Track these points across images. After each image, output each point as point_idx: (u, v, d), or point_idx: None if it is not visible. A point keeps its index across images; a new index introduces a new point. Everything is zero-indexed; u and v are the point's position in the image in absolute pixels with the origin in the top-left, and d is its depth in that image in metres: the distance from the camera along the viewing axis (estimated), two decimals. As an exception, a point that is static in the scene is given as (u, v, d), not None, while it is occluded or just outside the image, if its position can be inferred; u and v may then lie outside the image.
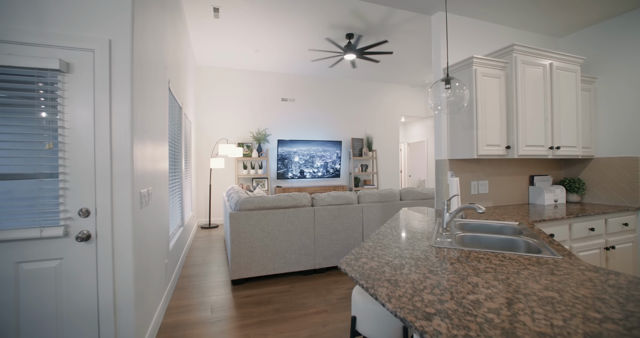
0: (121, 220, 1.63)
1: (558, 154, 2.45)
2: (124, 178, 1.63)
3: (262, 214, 3.03)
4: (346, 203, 3.43)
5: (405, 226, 1.83)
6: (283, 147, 6.44)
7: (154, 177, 2.18)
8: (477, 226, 1.95)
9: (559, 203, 2.76)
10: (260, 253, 3.02)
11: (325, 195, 3.38)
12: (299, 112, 6.84)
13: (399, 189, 3.81)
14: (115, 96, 1.62)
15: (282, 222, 3.10)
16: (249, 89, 6.45)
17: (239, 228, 2.94)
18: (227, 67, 6.28)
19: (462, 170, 2.51)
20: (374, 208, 3.50)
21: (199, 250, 4.23)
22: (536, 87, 2.35)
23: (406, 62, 6.17)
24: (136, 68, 1.74)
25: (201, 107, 6.12)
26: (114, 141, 1.61)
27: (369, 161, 7.48)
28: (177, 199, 3.66)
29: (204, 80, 6.14)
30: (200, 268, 3.49)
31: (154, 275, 2.13)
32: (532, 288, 0.90)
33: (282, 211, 3.11)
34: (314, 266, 3.24)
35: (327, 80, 7.09)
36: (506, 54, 2.31)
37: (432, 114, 7.81)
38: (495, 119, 2.28)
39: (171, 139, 3.30)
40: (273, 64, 6.11)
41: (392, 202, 3.62)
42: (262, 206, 3.06)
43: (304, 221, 3.19)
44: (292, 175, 6.57)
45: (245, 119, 6.43)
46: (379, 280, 0.98)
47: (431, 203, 3.80)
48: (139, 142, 1.80)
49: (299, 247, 3.17)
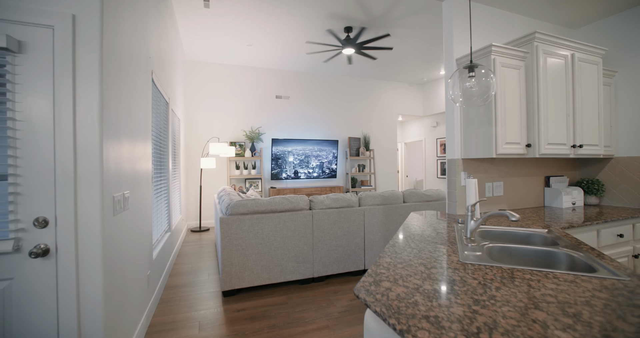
0: (88, 230, 1.36)
1: (580, 154, 2.25)
2: (92, 181, 1.36)
3: (256, 218, 2.77)
4: (347, 206, 3.20)
5: (420, 235, 1.60)
6: (277, 146, 6.17)
7: (132, 179, 1.91)
8: (501, 234, 1.73)
9: (577, 205, 2.57)
10: (254, 262, 2.76)
11: (324, 198, 3.14)
12: (293, 110, 6.59)
13: (401, 191, 3.59)
14: (81, 82, 1.35)
15: (277, 227, 2.85)
16: (241, 86, 6.18)
17: (231, 234, 2.68)
18: (219, 63, 5.99)
19: (475, 170, 2.30)
20: (376, 211, 3.27)
21: (188, 256, 3.95)
22: (557, 80, 2.15)
23: (405, 59, 5.97)
24: (108, 52, 1.47)
25: (191, 104, 5.82)
26: (79, 137, 1.34)
27: (366, 161, 7.26)
28: (164, 203, 3.38)
29: (194, 76, 5.84)
30: (189, 276, 3.22)
31: (132, 290, 1.86)
32: (624, 330, 0.67)
33: (278, 216, 2.86)
34: (313, 275, 2.99)
35: (323, 77, 6.85)
36: (526, 43, 2.10)
37: (430, 113, 7.64)
38: (514, 114, 2.07)
39: (156, 137, 3.03)
40: (267, 59, 5.85)
41: (395, 204, 3.40)
42: (255, 209, 2.80)
43: (301, 226, 2.94)
44: (286, 176, 6.31)
45: (237, 117, 6.15)
46: (413, 318, 0.74)
47: (436, 206, 3.59)
48: (112, 139, 1.53)
49: (296, 254, 2.92)
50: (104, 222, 1.41)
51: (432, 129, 7.79)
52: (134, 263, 1.92)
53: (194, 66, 5.83)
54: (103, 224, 1.40)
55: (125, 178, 1.77)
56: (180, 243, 4.46)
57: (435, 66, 6.47)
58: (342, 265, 3.12)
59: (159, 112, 3.11)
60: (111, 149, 1.53)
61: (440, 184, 7.53)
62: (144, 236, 2.17)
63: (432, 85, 7.54)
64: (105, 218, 1.43)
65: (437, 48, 5.42)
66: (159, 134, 3.13)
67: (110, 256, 1.50)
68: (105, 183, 1.43)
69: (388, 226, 3.33)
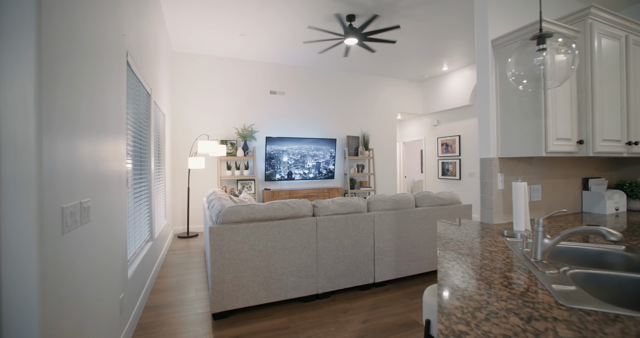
0: (17, 256, 0.95)
1: (634, 152, 1.94)
2: (24, 188, 0.96)
3: (252, 227, 2.37)
4: (355, 212, 2.83)
5: (472, 256, 1.24)
6: (272, 145, 5.77)
7: (97, 183, 1.49)
8: (563, 252, 1.38)
9: (620, 211, 2.26)
10: (249, 278, 2.36)
11: (329, 202, 2.76)
12: (289, 106, 6.19)
13: (413, 194, 3.24)
14: (5, 48, 0.94)
15: (277, 237, 2.46)
16: (233, 80, 5.75)
17: (222, 246, 2.28)
18: (209, 55, 5.55)
19: (512, 172, 1.96)
20: (386, 216, 2.92)
21: (173, 267, 3.52)
22: (611, 65, 1.83)
23: (407, 53, 5.64)
24: (55, 15, 1.06)
25: (178, 99, 5.37)
26: (4, 124, 0.94)
27: (365, 161, 6.92)
28: (145, 208, 2.95)
29: (182, 68, 5.39)
30: (174, 293, 2.80)
31: (95, 323, 1.45)
32: None
33: (277, 224, 2.47)
34: (317, 291, 2.61)
35: (319, 72, 6.48)
36: (578, 21, 1.77)
37: (430, 111, 7.34)
38: (565, 105, 1.73)
39: (136, 133, 2.60)
40: (260, 51, 5.44)
41: (406, 209, 3.05)
42: (251, 217, 2.41)
43: (304, 235, 2.56)
44: (281, 177, 5.91)
45: (229, 113, 5.72)
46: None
47: (450, 210, 3.25)
48: (63, 132, 1.13)
49: (298, 268, 2.54)
50: (44, 244, 1.00)
51: (433, 128, 7.50)
52: (99, 290, 1.51)
53: (181, 58, 5.38)
54: (43, 247, 1.00)
55: (85, 183, 1.35)
56: (165, 251, 4.01)
57: (438, 62, 6.17)
58: (350, 278, 2.75)
59: (138, 104, 2.69)
60: (60, 145, 1.12)
61: (441, 185, 7.24)
62: (114, 253, 1.76)
63: (433, 82, 7.25)
64: (47, 239, 1.02)
65: (442, 42, 5.10)
66: (139, 130, 2.70)
67: (57, 290, 1.09)
68: (48, 189, 1.03)
69: (400, 234, 2.97)
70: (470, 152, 6.45)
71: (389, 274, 2.93)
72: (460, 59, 5.96)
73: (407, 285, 2.98)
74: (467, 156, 6.54)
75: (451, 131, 6.96)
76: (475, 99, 6.32)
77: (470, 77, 6.31)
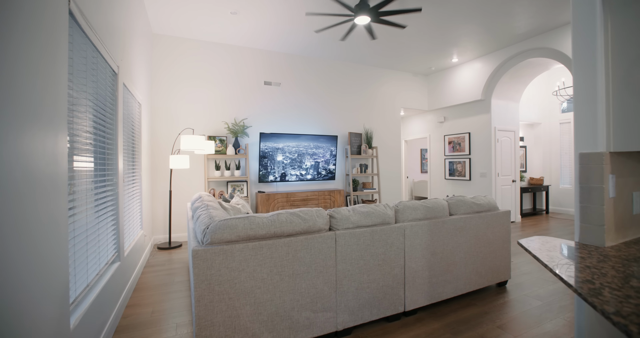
0: None
1: None
2: None
3: (252, 248, 1.75)
4: (381, 223, 2.23)
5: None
6: (266, 142, 5.12)
7: (6, 192, 0.85)
8: None
9: None
10: (248, 317, 1.74)
11: (349, 212, 2.16)
12: (284, 99, 5.56)
13: (445, 199, 2.68)
14: None
15: (285, 260, 1.84)
16: (222, 68, 5.08)
17: (211, 276, 1.64)
18: (195, 39, 4.86)
19: (621, 174, 1.40)
20: (418, 228, 2.33)
21: (149, 290, 2.84)
22: None
23: (413, 42, 5.09)
24: None
25: (159, 88, 4.66)
26: None
27: (369, 161, 6.35)
28: (109, 220, 2.27)
29: (164, 53, 4.69)
30: (146, 332, 2.13)
31: None
32: None
33: (286, 242, 1.85)
34: (336, 328, 2.01)
35: (317, 62, 5.87)
36: None
37: (436, 107, 6.83)
38: None
39: (97, 124, 1.94)
40: (252, 35, 4.78)
41: (440, 218, 2.48)
42: (251, 234, 1.78)
43: (320, 256, 1.95)
44: (276, 178, 5.27)
45: (218, 106, 5.05)
46: None
47: (488, 218, 2.70)
48: None
49: (313, 299, 1.92)
50: None
51: (439, 125, 7.00)
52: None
53: (163, 42, 4.68)
54: None
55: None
56: (140, 269, 3.33)
57: (448, 52, 5.66)
58: (376, 308, 2.15)
59: (97, 84, 2.02)
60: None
61: (448, 186, 6.74)
62: (42, 297, 1.10)
63: (440, 75, 6.74)
64: None
65: (456, 28, 4.57)
66: (100, 118, 2.04)
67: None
68: None
69: (434, 249, 2.40)
70: (482, 151, 5.96)
71: (422, 300, 2.35)
72: (473, 49, 5.45)
73: (442, 311, 2.41)
74: (478, 155, 6.05)
75: (460, 128, 6.47)
76: (487, 94, 5.84)
77: (482, 69, 5.82)
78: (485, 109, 5.90)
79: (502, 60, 5.43)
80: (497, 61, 5.52)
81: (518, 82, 5.84)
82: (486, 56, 5.75)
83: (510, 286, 2.88)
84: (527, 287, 2.85)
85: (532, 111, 7.24)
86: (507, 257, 2.86)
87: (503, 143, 5.94)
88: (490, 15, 4.20)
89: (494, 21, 4.40)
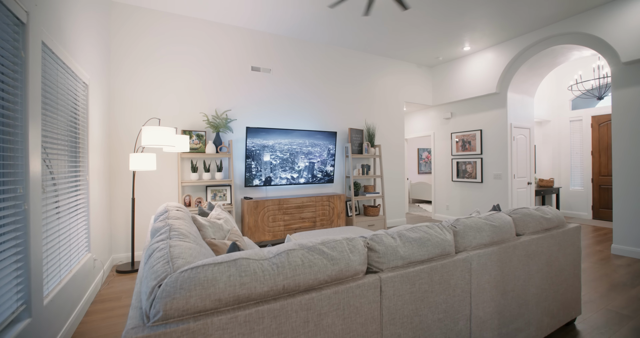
0: None
1: None
2: None
3: (245, 322, 0.94)
4: (440, 254, 1.48)
5: None
6: (254, 138, 4.29)
7: None
8: None
9: None
10: None
11: (394, 239, 1.39)
12: (274, 88, 4.74)
13: (507, 213, 1.96)
14: None
15: (301, 334, 1.05)
16: (201, 48, 4.20)
17: (165, 386, 0.83)
18: (165, 11, 3.97)
19: None
20: (486, 259, 1.60)
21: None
22: None
23: (423, 25, 4.39)
24: None
25: (119, 69, 3.74)
26: None
27: (371, 161, 5.62)
28: (8, 256, 1.41)
29: (125, 27, 3.77)
30: None
31: None
32: None
33: (303, 304, 1.05)
34: None
35: (310, 46, 5.08)
36: None
37: (442, 102, 6.19)
38: None
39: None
40: (240, 10, 3.94)
41: (510, 242, 1.76)
42: (241, 294, 0.97)
43: (357, 319, 1.17)
44: (265, 181, 4.44)
45: (194, 94, 4.17)
46: None
47: (560, 239, 2.01)
48: None
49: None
50: None
51: (445, 121, 6.36)
52: None
53: (124, 12, 3.76)
54: None
55: None
56: (81, 313, 2.43)
57: (459, 40, 5.00)
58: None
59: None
60: None
61: (456, 189, 6.11)
62: None
63: (448, 66, 6.10)
64: None
65: (471, 10, 3.90)
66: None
67: None
68: None
69: (504, 287, 1.67)
70: (496, 150, 5.35)
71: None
72: (490, 34, 4.82)
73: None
74: (491, 155, 5.44)
75: (469, 124, 5.84)
76: (502, 86, 5.24)
77: (497, 59, 5.21)
78: (500, 104, 5.29)
79: (523, 47, 4.82)
80: (517, 49, 4.91)
81: (535, 75, 5.26)
82: (503, 44, 5.13)
83: (581, 326, 2.20)
84: (604, 326, 2.18)
85: (541, 107, 6.73)
86: (577, 287, 2.19)
87: (519, 142, 5.35)
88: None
89: (517, 1, 3.76)
